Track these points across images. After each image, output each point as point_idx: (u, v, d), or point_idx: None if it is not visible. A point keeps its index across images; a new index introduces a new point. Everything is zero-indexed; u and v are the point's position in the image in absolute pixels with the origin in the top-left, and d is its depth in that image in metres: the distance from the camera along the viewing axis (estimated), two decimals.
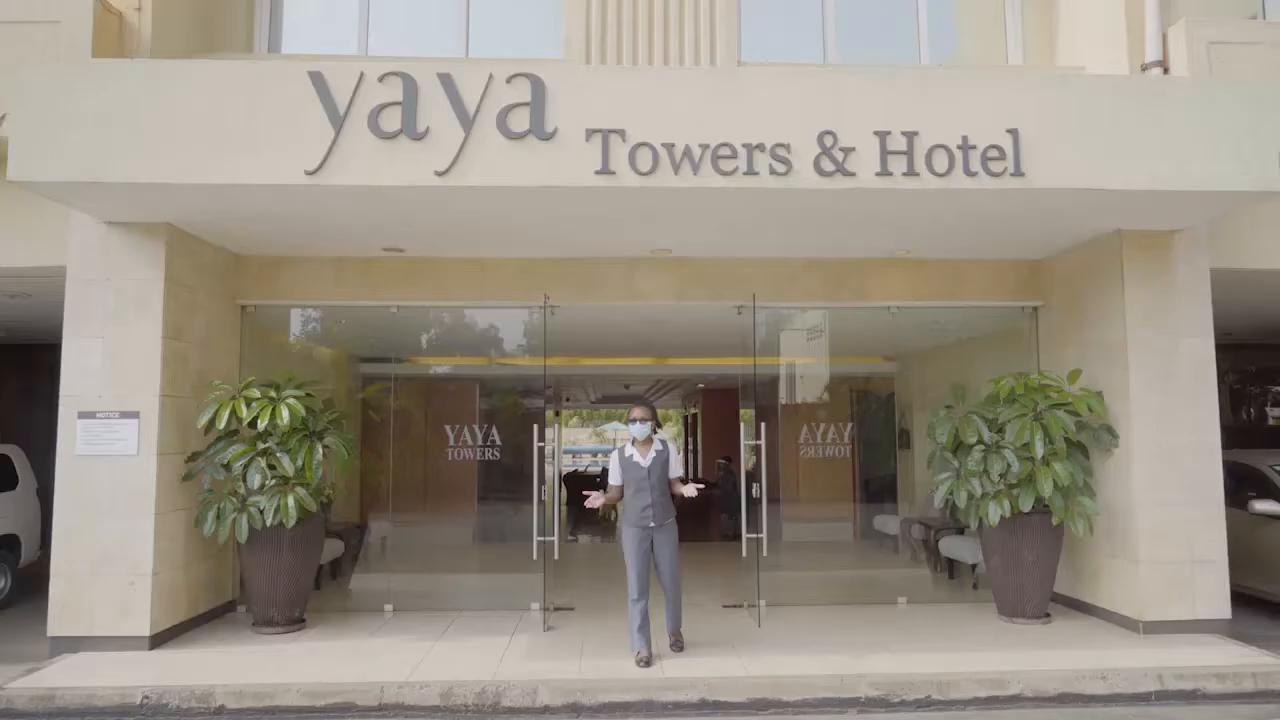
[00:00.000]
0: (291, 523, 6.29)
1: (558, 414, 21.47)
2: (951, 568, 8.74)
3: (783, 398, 9.94)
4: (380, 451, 8.20)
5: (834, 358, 10.28)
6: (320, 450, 6.47)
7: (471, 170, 5.47)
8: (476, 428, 7.91)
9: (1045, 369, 7.27)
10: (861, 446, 9.22)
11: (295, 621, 6.67)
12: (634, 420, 6.05)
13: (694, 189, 5.55)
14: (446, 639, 6.44)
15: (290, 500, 6.28)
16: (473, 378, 9.62)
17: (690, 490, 5.99)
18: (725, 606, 7.55)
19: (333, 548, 8.46)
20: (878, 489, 10.64)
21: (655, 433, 6.11)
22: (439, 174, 5.45)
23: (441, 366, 9.36)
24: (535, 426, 6.92)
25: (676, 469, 6.12)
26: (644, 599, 5.88)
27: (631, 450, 6.06)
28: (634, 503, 5.97)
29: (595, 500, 6.01)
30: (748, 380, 7.76)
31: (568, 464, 27.13)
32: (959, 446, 6.91)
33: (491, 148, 5.48)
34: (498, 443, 8.00)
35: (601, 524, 17.35)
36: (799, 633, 6.54)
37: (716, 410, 18.56)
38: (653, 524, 5.94)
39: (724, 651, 6.04)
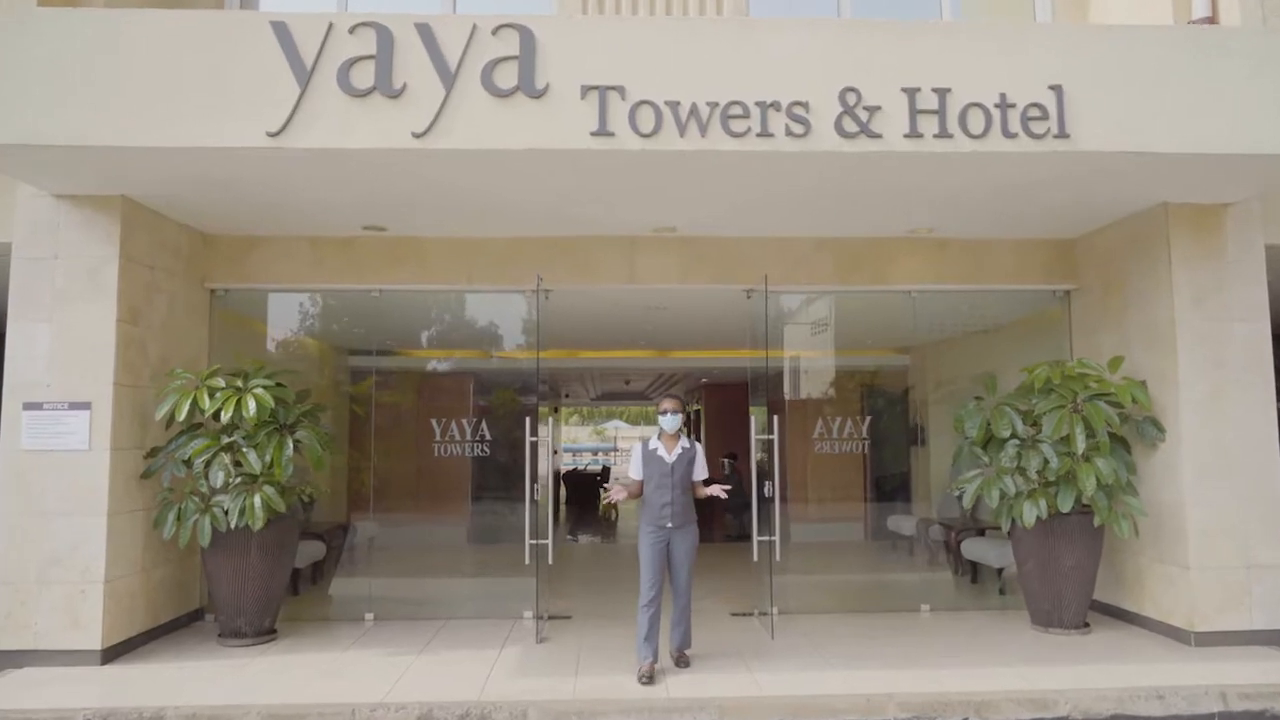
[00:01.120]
0: (259, 524, 5.72)
1: (556, 410, 20.90)
2: (975, 571, 8.18)
3: (790, 391, 9.37)
4: (367, 448, 7.64)
5: (844, 349, 9.70)
6: (291, 445, 5.89)
7: (453, 131, 4.90)
8: (466, 422, 7.33)
9: (1079, 357, 6.68)
10: (873, 442, 8.65)
11: (265, 632, 6.10)
12: (664, 412, 5.52)
13: (702, 152, 4.97)
14: (430, 652, 5.87)
15: (257, 500, 5.71)
16: (465, 369, 9.05)
17: (717, 490, 5.45)
18: (734, 614, 6.98)
19: (313, 550, 7.91)
20: (891, 487, 10.09)
21: (684, 429, 5.61)
22: (417, 136, 4.88)
23: (429, 357, 8.78)
24: (528, 420, 6.35)
25: (702, 471, 5.59)
26: (655, 605, 5.34)
27: (657, 444, 5.54)
28: (653, 500, 5.44)
29: (617, 494, 5.49)
30: (758, 372, 7.17)
31: (568, 462, 26.60)
32: (990, 441, 6.33)
33: (475, 106, 4.91)
34: (490, 438, 7.43)
35: (602, 524, 16.79)
36: (816, 644, 5.97)
37: (720, 406, 17.99)
38: (670, 524, 5.40)
39: (734, 666, 5.48)
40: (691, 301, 7.92)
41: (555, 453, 19.30)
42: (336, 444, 7.66)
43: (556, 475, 20.33)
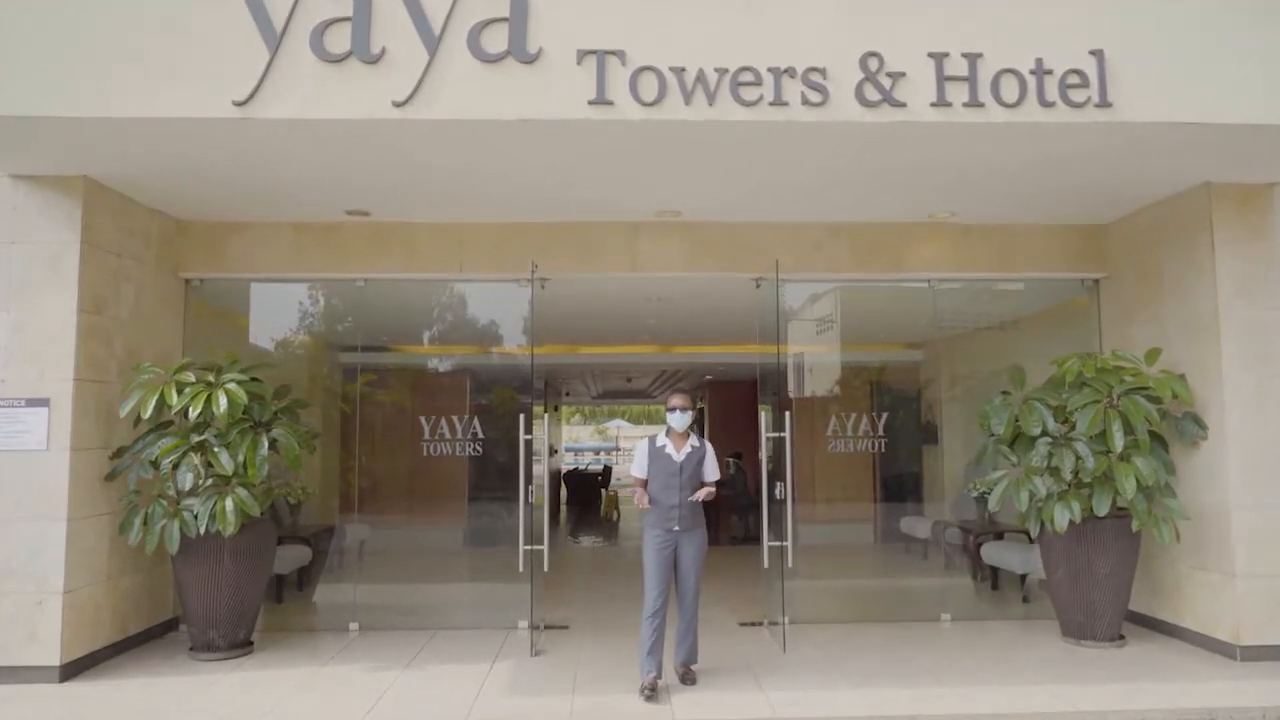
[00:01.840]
0: (231, 530, 5.30)
1: (557, 409, 20.48)
2: (995, 577, 7.74)
3: (800, 388, 8.95)
4: (355, 447, 7.23)
5: (857, 343, 9.29)
6: (265, 444, 5.47)
7: (437, 100, 4.47)
8: (458, 420, 6.90)
9: (1113, 349, 6.23)
10: (886, 441, 8.23)
11: (241, 645, 5.68)
12: (673, 409, 5.11)
13: (709, 123, 4.54)
14: (416, 666, 5.45)
15: (229, 503, 5.30)
16: (458, 365, 8.62)
17: (703, 495, 5.03)
18: (742, 624, 6.55)
19: (298, 555, 7.49)
20: (902, 488, 9.68)
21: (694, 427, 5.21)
22: (398, 105, 4.45)
23: (418, 353, 8.35)
24: (522, 417, 5.92)
25: (712, 472, 5.18)
26: (660, 615, 4.93)
27: (664, 441, 5.13)
28: (660, 501, 5.04)
29: (642, 500, 5.10)
30: (767, 368, 6.74)
31: (569, 462, 26.18)
32: (1017, 439, 5.90)
33: (461, 73, 4.48)
34: (483, 437, 7.01)
35: (604, 525, 16.37)
36: (831, 658, 5.55)
37: (724, 404, 17.54)
38: (678, 527, 4.99)
39: (744, 682, 5.05)
40: (697, 291, 7.50)
41: (554, 452, 18.90)
42: (320, 443, 7.26)
43: (556, 475, 19.92)
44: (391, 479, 8.16)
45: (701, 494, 5.01)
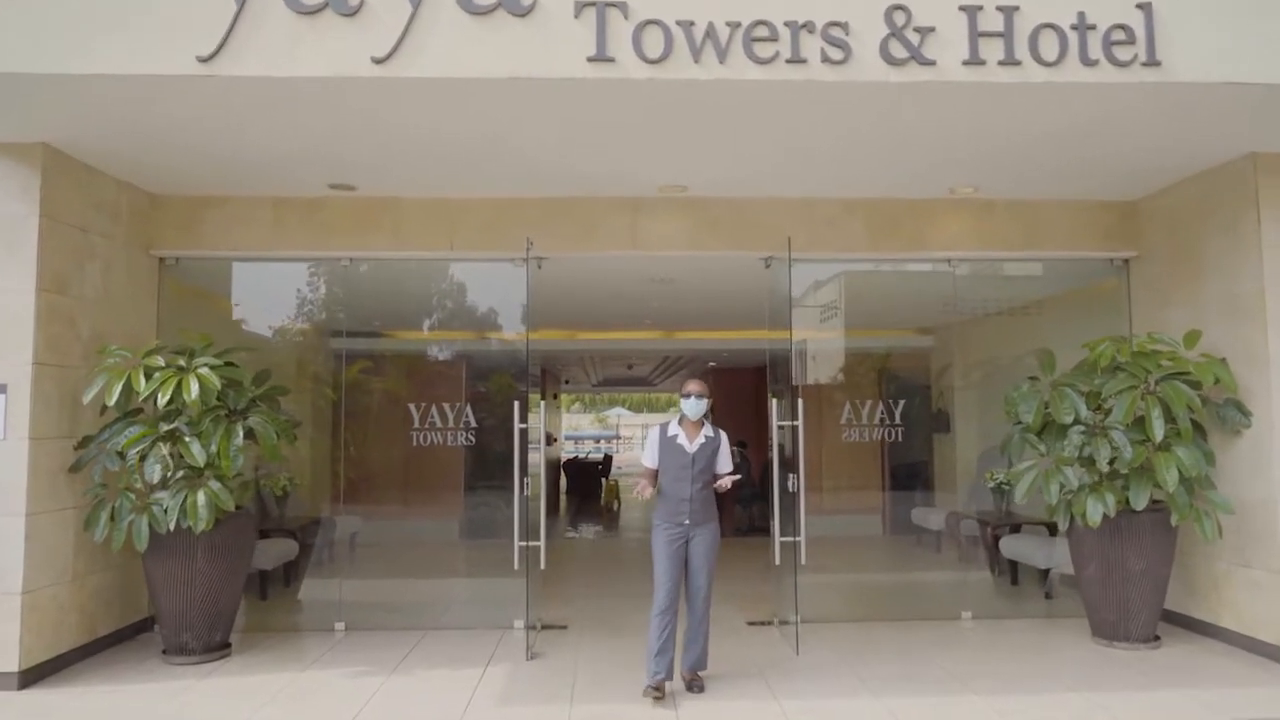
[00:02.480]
0: (204, 525, 4.93)
1: (556, 396, 20.11)
2: (1015, 571, 7.39)
3: (810, 374, 8.57)
4: (345, 436, 6.85)
5: (872, 327, 8.94)
6: (241, 434, 5.09)
7: (421, 57, 4.06)
8: (450, 408, 6.51)
9: (1149, 332, 5.83)
10: (893, 430, 7.87)
11: (217, 648, 5.32)
12: (688, 395, 4.75)
13: (720, 82, 4.14)
14: (403, 671, 5.09)
15: (200, 497, 4.92)
16: (451, 351, 8.24)
17: (724, 482, 4.71)
18: (751, 623, 6.19)
19: (284, 549, 7.14)
20: (912, 478, 9.34)
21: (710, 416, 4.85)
22: (377, 61, 4.04)
23: (409, 339, 7.96)
24: (516, 404, 5.54)
25: (726, 464, 4.82)
26: (671, 614, 4.57)
27: (676, 429, 4.77)
28: (670, 494, 4.69)
29: (645, 489, 4.73)
30: (778, 353, 6.35)
31: (569, 450, 25.83)
32: (1047, 427, 5.52)
33: (447, 26, 4.07)
34: (479, 426, 6.64)
35: (604, 514, 16.03)
36: (847, 661, 5.19)
37: (728, 392, 17.12)
38: (688, 521, 4.63)
39: (756, 689, 4.69)
40: (702, 271, 7.11)
41: (553, 441, 18.53)
42: (308, 432, 6.90)
43: (556, 464, 19.57)
44: (382, 469, 7.77)
45: (725, 482, 4.67)
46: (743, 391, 16.96)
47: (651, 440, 4.86)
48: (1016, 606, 6.81)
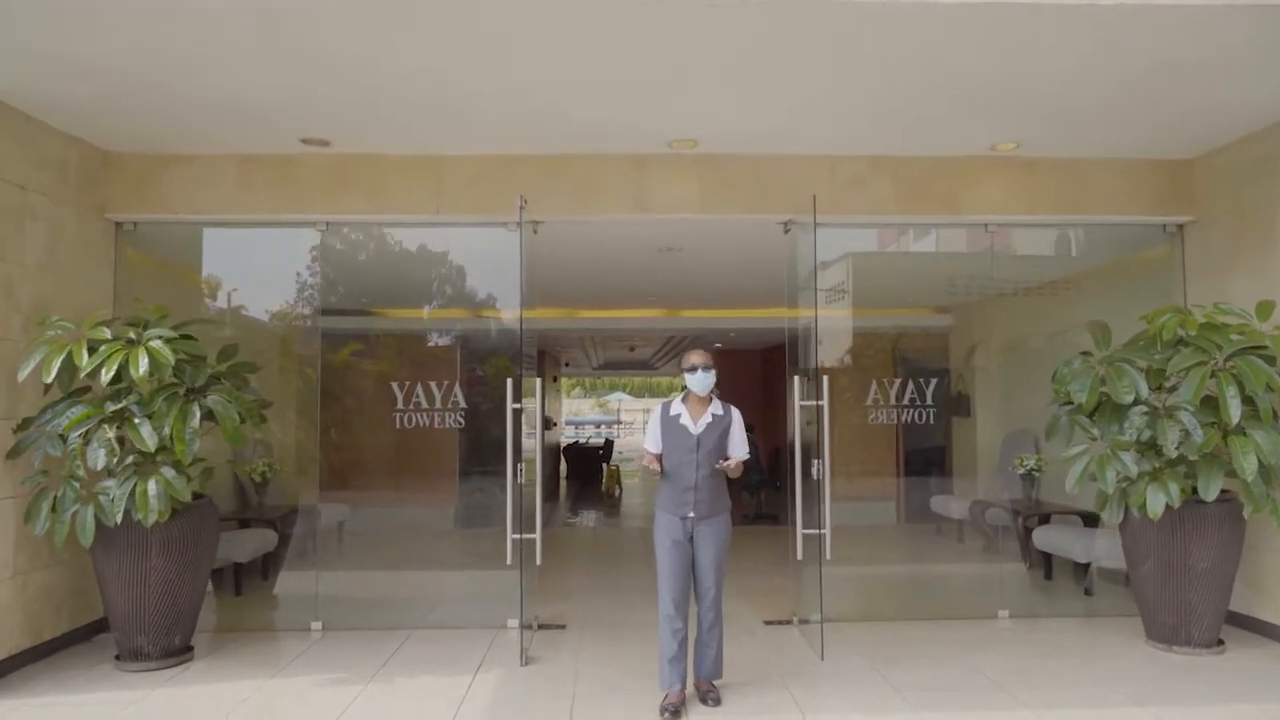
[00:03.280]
0: (155, 517, 4.38)
1: (556, 379, 19.57)
2: (1049, 565, 6.85)
3: (828, 355, 7.99)
4: (328, 419, 6.30)
5: (880, 307, 8.35)
6: (197, 414, 4.53)
7: None
8: (436, 387, 5.95)
9: (1215, 302, 5.24)
10: (908, 412, 7.32)
11: (176, 652, 4.78)
12: (693, 369, 4.17)
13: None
14: (383, 679, 4.55)
15: (151, 486, 4.37)
16: (441, 326, 7.66)
17: (733, 466, 4.14)
18: (768, 622, 5.66)
19: (261, 540, 6.62)
20: (929, 464, 8.81)
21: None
22: None
23: (399, 314, 7.37)
24: (510, 383, 4.97)
25: (740, 447, 4.25)
26: (680, 616, 4.05)
27: (679, 408, 4.20)
28: (673, 481, 4.13)
29: (652, 462, 4.19)
30: (799, 327, 5.77)
31: (569, 435, 25.32)
32: (1100, 408, 4.95)
33: None
34: (471, 408, 6.09)
35: (605, 500, 15.52)
36: (877, 668, 4.65)
37: (733, 374, 16.59)
38: (694, 514, 4.07)
39: (779, 702, 4.15)
40: (714, 238, 6.53)
41: (553, 425, 17.99)
42: (282, 414, 6.35)
43: (556, 449, 19.05)
44: (368, 454, 7.24)
45: (731, 464, 4.10)
46: (750, 374, 16.45)
47: (653, 421, 4.29)
48: (1055, 604, 6.28)
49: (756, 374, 16.32)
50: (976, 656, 4.85)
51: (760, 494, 12.71)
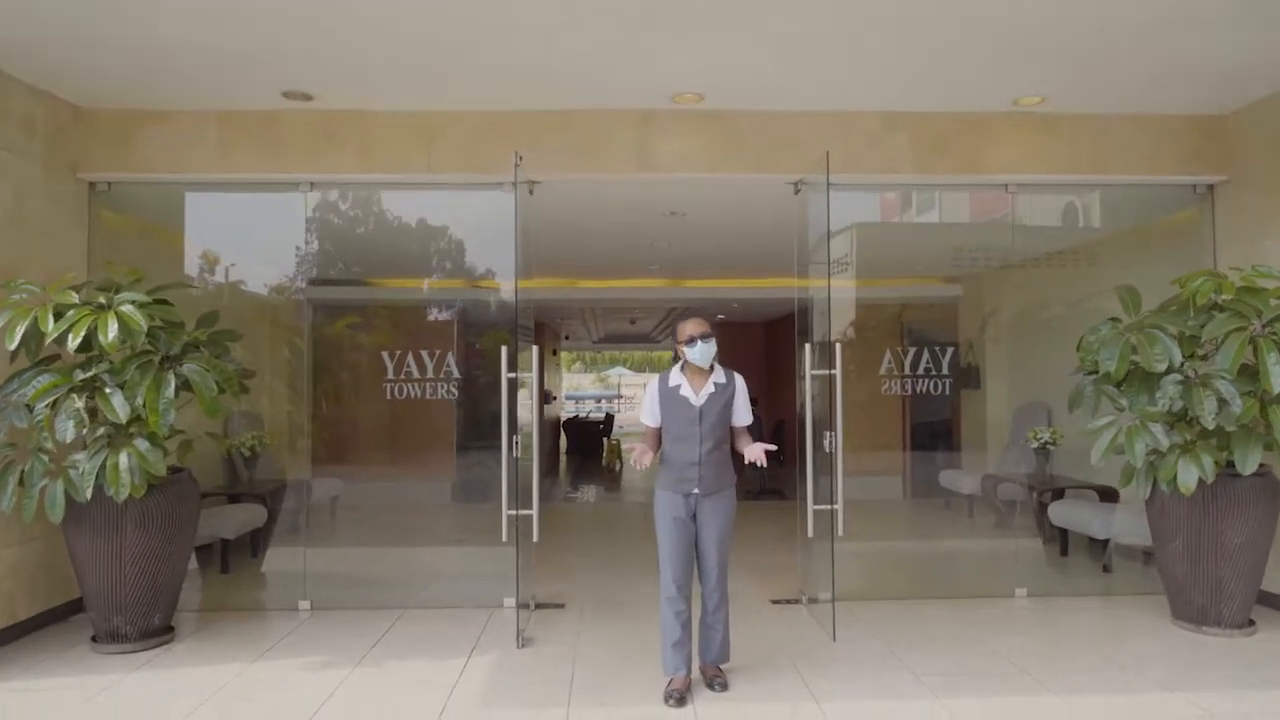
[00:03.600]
0: (128, 492, 4.13)
1: (555, 353, 19.32)
2: (1064, 541, 6.61)
3: (834, 325, 7.72)
4: (318, 392, 6.05)
5: (881, 278, 8.08)
6: (172, 384, 4.26)
7: None
8: (427, 357, 5.69)
9: (1254, 265, 4.92)
10: (917, 384, 7.05)
11: (155, 633, 4.55)
12: (691, 340, 3.87)
13: None
14: (371, 662, 4.32)
15: (123, 459, 4.12)
16: (435, 293, 7.38)
17: (758, 453, 3.85)
18: (775, 601, 5.43)
19: (250, 516, 6.41)
20: (937, 437, 8.57)
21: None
22: None
23: (393, 285, 7.08)
24: (504, 350, 4.70)
25: (745, 415, 3.99)
26: (684, 598, 3.82)
27: (678, 378, 3.93)
28: (675, 456, 3.85)
29: (642, 455, 3.81)
30: (809, 293, 5.49)
31: (569, 410, 25.10)
32: (1129, 377, 4.68)
33: None
34: (465, 378, 5.83)
35: (605, 475, 15.32)
36: (893, 649, 4.42)
37: (736, 347, 16.37)
38: (698, 490, 3.82)
39: (790, 686, 3.92)
40: (720, 201, 6.24)
41: (553, 399, 17.75)
42: (272, 386, 6.09)
43: (556, 423, 18.83)
44: (361, 427, 6.99)
45: (758, 451, 3.84)
46: (752, 347, 16.20)
47: (650, 393, 4.00)
48: (1073, 582, 6.05)
49: (759, 346, 16.07)
50: (996, 638, 4.62)
51: (764, 469, 12.48)
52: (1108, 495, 6.55)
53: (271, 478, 6.69)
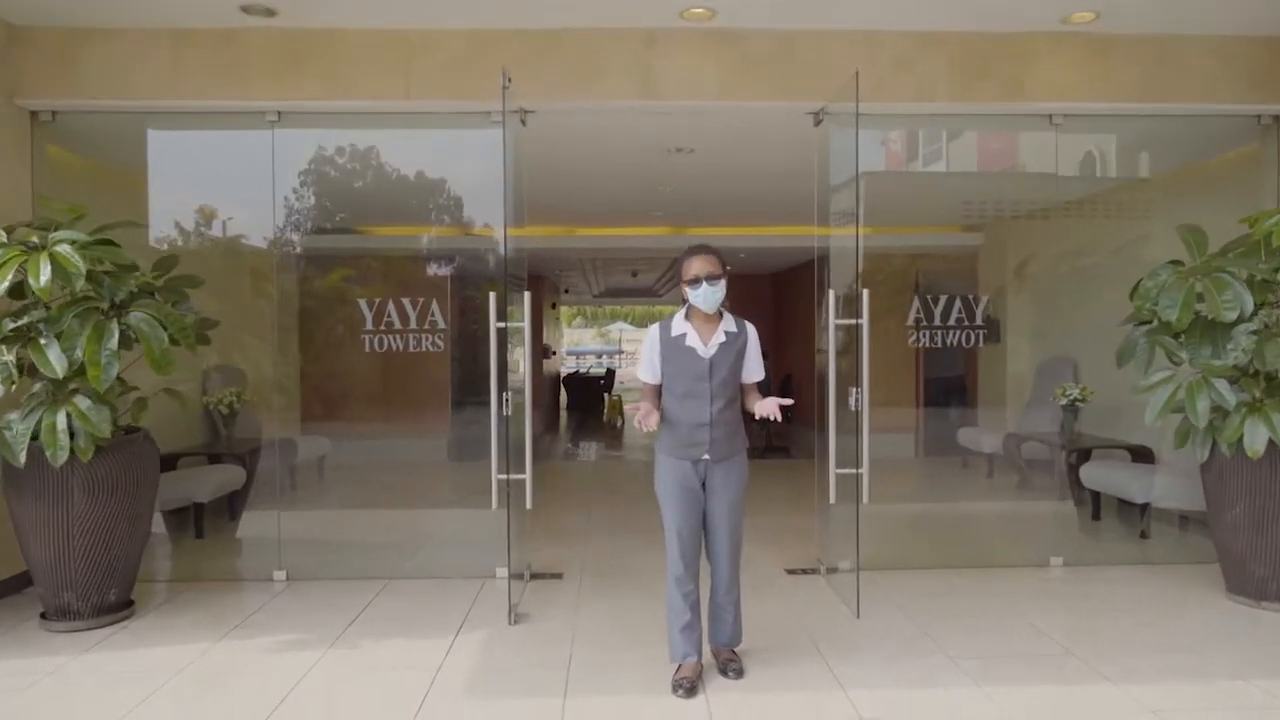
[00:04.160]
0: (66, 455, 3.68)
1: (555, 306, 18.83)
2: (1096, 504, 6.19)
3: (830, 279, 7.22)
4: (290, 345, 5.59)
5: (896, 225, 7.56)
6: (115, 333, 3.77)
7: None
8: (410, 306, 5.20)
9: None
10: (931, 339, 6.55)
11: (112, 609, 4.14)
12: (696, 280, 3.31)
13: None
14: (348, 641, 3.91)
15: (60, 419, 3.66)
16: (427, 245, 6.85)
17: (772, 407, 3.33)
18: (790, 571, 5.03)
19: (226, 478, 5.98)
20: (952, 393, 8.15)
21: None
22: None
23: (372, 232, 6.54)
24: (493, 297, 4.20)
25: (757, 369, 3.50)
26: (693, 577, 3.38)
27: (683, 326, 3.40)
28: (681, 417, 3.35)
29: (648, 417, 3.27)
30: (827, 242, 4.98)
31: (570, 365, 24.70)
32: (1192, 327, 4.19)
33: None
34: (463, 333, 5.38)
35: (606, 432, 14.94)
36: (923, 628, 4.00)
37: (741, 300, 15.86)
38: (708, 456, 3.34)
39: (812, 671, 3.50)
40: (732, 134, 5.69)
41: (553, 354, 17.29)
42: (259, 340, 5.62)
43: (555, 379, 18.41)
44: (353, 382, 6.51)
45: (770, 406, 3.30)
46: (760, 300, 15.67)
47: (650, 344, 3.45)
48: (1109, 549, 5.64)
49: (767, 299, 15.57)
50: (1036, 614, 4.21)
51: (769, 426, 12.10)
52: (1140, 455, 6.13)
53: (253, 437, 6.26)
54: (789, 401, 3.36)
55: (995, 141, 6.48)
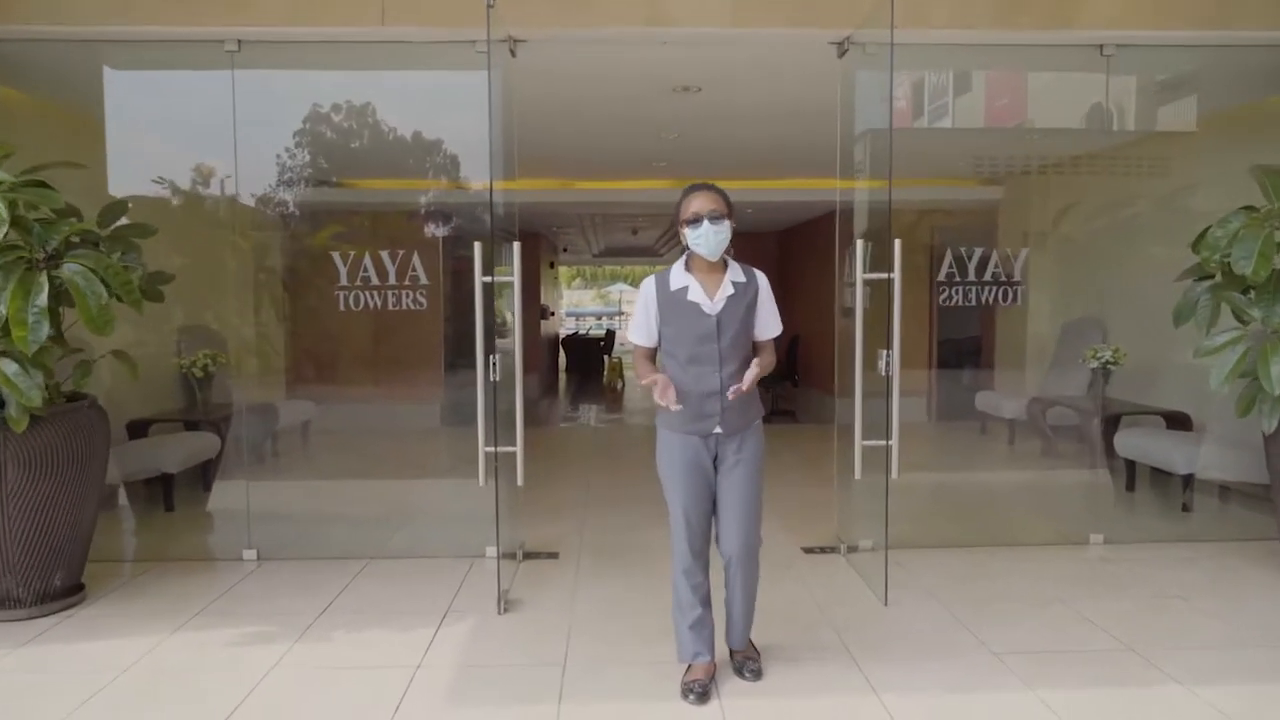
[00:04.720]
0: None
1: (553, 265, 18.30)
2: (1130, 474, 5.77)
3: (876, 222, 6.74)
4: (263, 303, 5.15)
5: (914, 178, 7.07)
6: (44, 288, 3.31)
7: None
8: (386, 260, 4.72)
9: None
10: (947, 299, 6.04)
11: (59, 595, 3.74)
12: (696, 219, 2.81)
13: None
14: (318, 634, 3.51)
15: None
16: (411, 199, 6.34)
17: (748, 381, 2.79)
18: (807, 550, 4.61)
19: (198, 446, 5.57)
20: (966, 355, 7.73)
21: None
22: None
23: (350, 185, 6.02)
24: (478, 247, 3.72)
25: (773, 323, 3.02)
26: (702, 568, 2.96)
27: (684, 278, 2.91)
28: (686, 385, 2.86)
29: (665, 393, 2.73)
30: (850, 196, 4.49)
31: (569, 327, 24.25)
32: (1268, 282, 3.72)
33: None
34: (454, 291, 4.92)
35: (607, 395, 14.55)
36: (962, 619, 3.60)
37: (747, 258, 15.37)
38: (720, 429, 2.89)
39: (841, 675, 3.09)
40: (742, 69, 5.14)
41: (551, 314, 16.79)
42: (236, 298, 5.16)
43: (554, 341, 17.95)
44: (340, 344, 6.06)
45: (749, 377, 2.80)
46: (765, 259, 15.16)
47: (645, 298, 2.96)
48: (1150, 525, 5.23)
49: (772, 258, 15.06)
50: (1081, 600, 3.80)
51: (774, 389, 11.70)
52: (1177, 422, 5.70)
53: (229, 401, 5.82)
54: (756, 371, 2.84)
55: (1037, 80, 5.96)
